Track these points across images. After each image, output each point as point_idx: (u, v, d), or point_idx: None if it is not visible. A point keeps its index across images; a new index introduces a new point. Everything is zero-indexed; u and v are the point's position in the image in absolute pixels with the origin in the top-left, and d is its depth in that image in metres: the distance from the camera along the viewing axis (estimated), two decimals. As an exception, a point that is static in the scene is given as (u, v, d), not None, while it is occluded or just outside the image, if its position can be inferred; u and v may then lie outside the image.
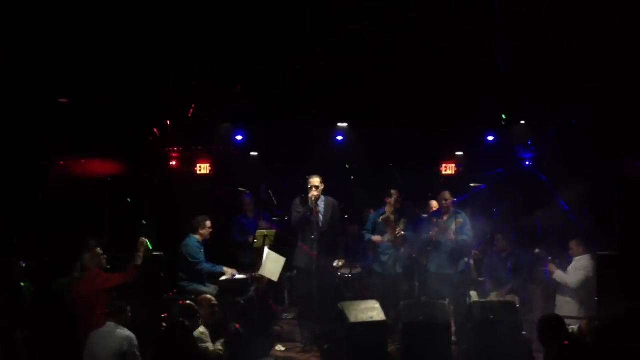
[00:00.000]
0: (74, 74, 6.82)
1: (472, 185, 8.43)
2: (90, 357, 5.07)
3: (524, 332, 6.54)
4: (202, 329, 5.56)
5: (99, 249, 6.08)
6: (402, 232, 7.25)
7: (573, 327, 6.15)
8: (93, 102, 7.39)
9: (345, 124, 8.68)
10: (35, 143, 7.16)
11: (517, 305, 7.08)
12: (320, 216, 7.12)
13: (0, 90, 6.54)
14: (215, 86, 7.12)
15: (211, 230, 7.47)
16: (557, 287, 7.28)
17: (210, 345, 5.55)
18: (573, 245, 7.28)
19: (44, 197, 7.34)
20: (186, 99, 7.48)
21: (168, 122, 8.25)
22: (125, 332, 5.15)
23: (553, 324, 5.00)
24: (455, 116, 7.68)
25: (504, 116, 7.54)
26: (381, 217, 7.33)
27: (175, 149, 9.19)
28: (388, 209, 7.35)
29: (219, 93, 7.33)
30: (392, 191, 7.33)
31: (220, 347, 5.58)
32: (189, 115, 7.72)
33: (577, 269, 7.14)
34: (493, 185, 8.63)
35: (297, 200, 7.23)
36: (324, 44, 5.89)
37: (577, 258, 7.21)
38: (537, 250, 7.56)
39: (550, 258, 7.35)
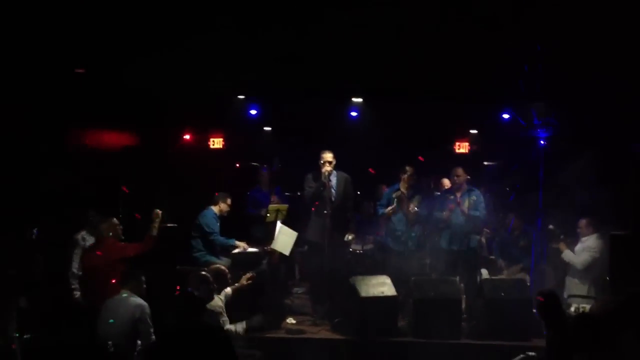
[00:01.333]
0: (89, 44, 6.82)
1: (485, 163, 8.42)
2: (104, 323, 5.15)
3: (534, 310, 6.56)
4: (219, 302, 5.61)
5: (115, 219, 6.15)
6: (416, 209, 7.25)
7: (584, 306, 6.19)
8: (108, 73, 7.40)
9: (360, 99, 8.64)
10: (51, 113, 7.19)
11: (528, 284, 7.11)
12: (333, 191, 7.14)
13: (17, 61, 6.56)
14: (228, 57, 7.09)
15: (230, 207, 7.53)
16: (566, 268, 7.28)
17: (227, 320, 5.59)
18: (582, 224, 7.26)
19: (60, 167, 7.40)
20: (199, 71, 7.46)
21: None
22: (138, 300, 5.22)
23: (548, 299, 4.99)
24: (470, 92, 7.60)
25: None
26: (394, 194, 7.34)
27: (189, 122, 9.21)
28: (402, 185, 7.35)
29: (232, 65, 7.31)
30: (407, 167, 7.32)
31: (241, 330, 5.63)
32: None
33: (584, 249, 7.13)
34: (506, 162, 8.61)
35: (310, 176, 7.24)
36: (338, 16, 5.83)
37: (584, 238, 7.19)
38: (550, 227, 7.55)
39: (562, 237, 7.34)
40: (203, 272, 5.60)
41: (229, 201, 7.51)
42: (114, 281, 5.53)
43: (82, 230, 6.91)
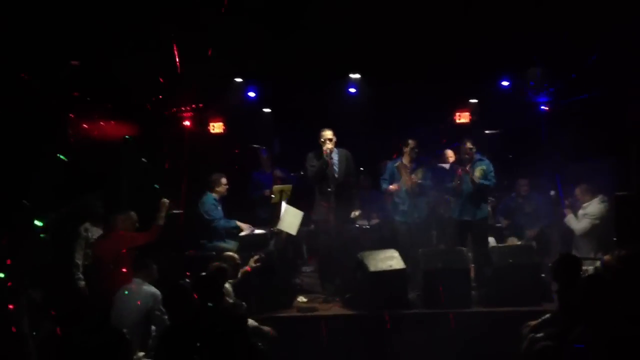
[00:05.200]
0: (82, 36, 6.78)
1: (487, 132, 8.40)
2: (118, 313, 5.20)
3: (542, 275, 6.60)
4: (227, 286, 5.64)
5: (134, 214, 6.16)
6: (419, 181, 7.26)
7: (592, 266, 6.22)
8: (105, 64, 7.36)
9: (358, 75, 8.58)
10: (48, 105, 7.16)
11: (535, 249, 7.13)
12: (335, 168, 7.15)
13: (13, 53, 6.53)
14: (224, 40, 7.06)
15: (227, 187, 7.57)
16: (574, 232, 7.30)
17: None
18: (578, 192, 7.28)
19: (61, 159, 7.38)
20: (195, 55, 7.41)
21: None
22: (151, 288, 5.26)
23: (570, 262, 5.08)
24: (467, 62, 7.55)
25: None
26: (396, 164, 7.37)
27: (188, 108, 9.17)
28: (405, 158, 7.38)
29: (228, 48, 7.27)
30: (409, 140, 7.34)
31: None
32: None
33: (584, 215, 7.16)
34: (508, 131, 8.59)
35: (311, 155, 7.25)
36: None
37: (585, 204, 7.21)
38: (552, 192, 7.56)
39: (567, 202, 7.36)
40: (220, 264, 5.60)
41: (224, 181, 7.55)
42: (125, 270, 5.56)
43: (85, 222, 6.89)
